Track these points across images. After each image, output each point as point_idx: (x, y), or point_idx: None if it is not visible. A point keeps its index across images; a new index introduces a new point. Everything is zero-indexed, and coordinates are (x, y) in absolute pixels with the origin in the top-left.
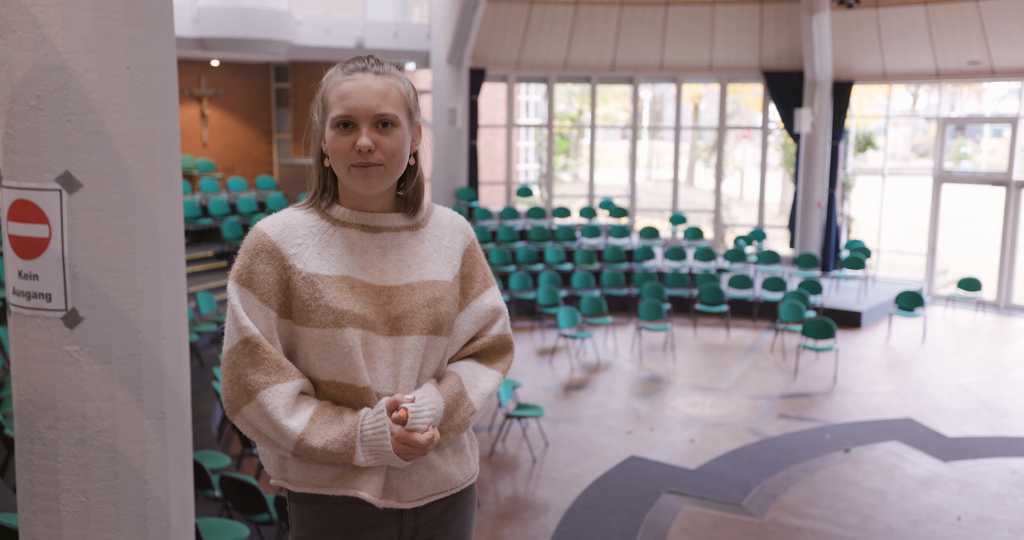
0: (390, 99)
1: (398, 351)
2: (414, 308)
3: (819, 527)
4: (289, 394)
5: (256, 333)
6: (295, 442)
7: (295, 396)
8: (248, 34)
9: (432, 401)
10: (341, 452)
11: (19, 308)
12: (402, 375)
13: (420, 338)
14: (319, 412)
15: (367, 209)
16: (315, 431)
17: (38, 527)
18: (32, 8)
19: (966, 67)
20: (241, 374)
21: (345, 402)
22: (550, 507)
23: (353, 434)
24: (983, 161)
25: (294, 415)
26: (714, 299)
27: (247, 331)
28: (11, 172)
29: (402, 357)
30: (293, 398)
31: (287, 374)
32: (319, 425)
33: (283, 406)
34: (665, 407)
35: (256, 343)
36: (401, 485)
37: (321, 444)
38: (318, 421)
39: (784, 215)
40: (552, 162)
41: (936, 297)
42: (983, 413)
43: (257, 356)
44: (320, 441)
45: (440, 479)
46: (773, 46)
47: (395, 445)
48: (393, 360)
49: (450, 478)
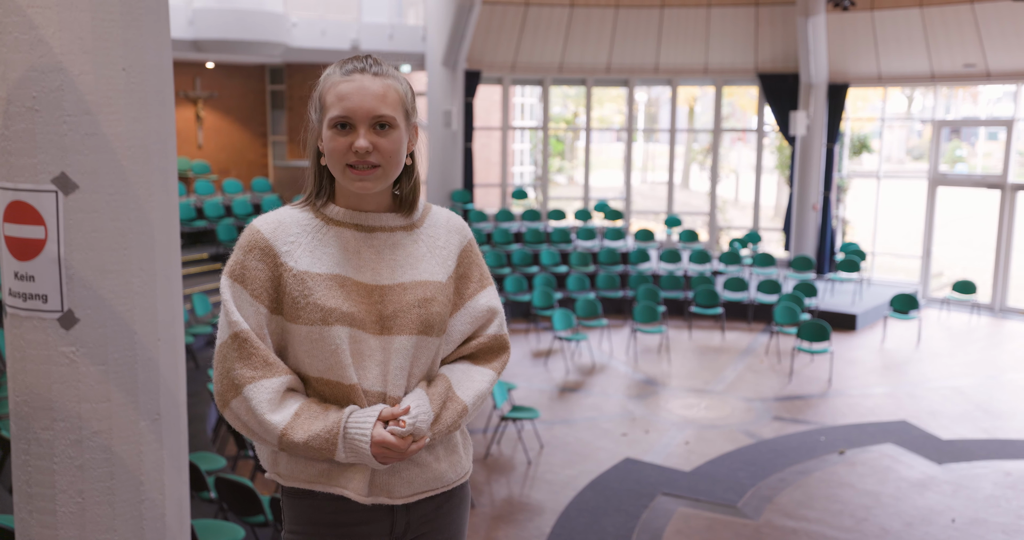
0: (388, 101)
1: (387, 350)
2: (405, 308)
3: (814, 529)
4: (274, 389)
5: (245, 328)
6: (278, 436)
7: (281, 392)
8: (243, 36)
9: (423, 409)
10: (322, 447)
11: (15, 309)
12: (391, 374)
13: (410, 338)
14: (304, 408)
15: (362, 208)
16: (298, 426)
17: (34, 528)
18: (28, 9)
19: (961, 70)
20: (230, 368)
21: (332, 399)
22: (545, 509)
23: (336, 430)
24: (978, 164)
25: (279, 410)
26: (709, 301)
27: (237, 326)
28: (7, 173)
29: (391, 356)
30: (279, 394)
31: (274, 370)
32: (303, 420)
33: (267, 401)
34: (660, 409)
35: (244, 338)
36: (392, 482)
37: (303, 438)
38: (303, 416)
39: (779, 218)
40: (547, 164)
41: (931, 300)
42: (977, 415)
43: (245, 351)
44: (302, 436)
45: (431, 476)
46: (768, 49)
47: (374, 448)
48: (382, 359)
49: (441, 476)
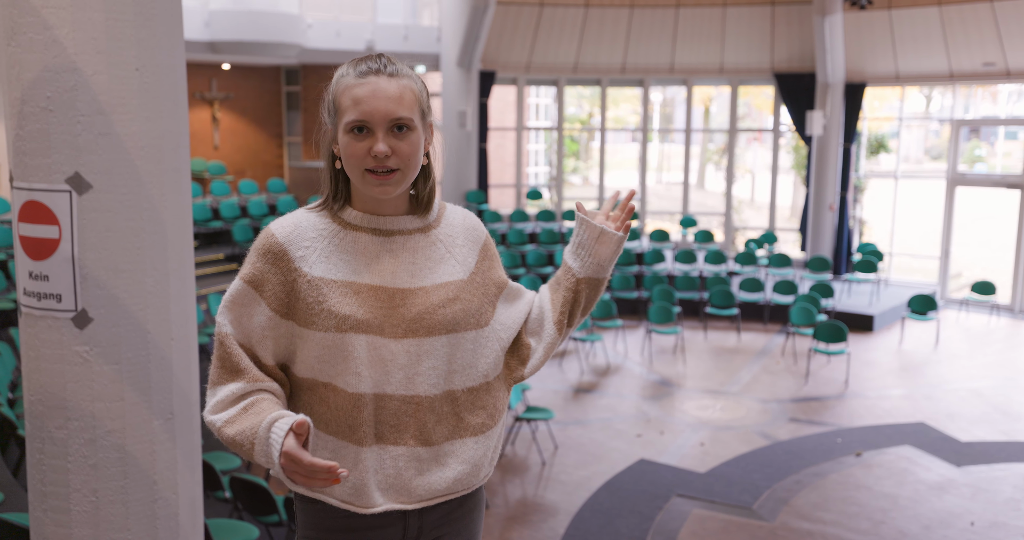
0: (404, 102)
1: (414, 353)
2: (430, 310)
3: (830, 531)
4: (232, 392)
5: (226, 332)
6: (218, 430)
7: (240, 395)
8: (259, 37)
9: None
10: (243, 444)
11: (30, 309)
12: (421, 376)
13: (438, 339)
14: (253, 404)
15: (380, 212)
16: (234, 420)
17: (49, 526)
18: (42, 10)
19: (980, 68)
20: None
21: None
22: (559, 510)
23: (255, 430)
24: (997, 164)
25: (227, 408)
26: (725, 302)
27: (220, 328)
28: (21, 173)
29: (420, 359)
30: (235, 395)
31: (241, 376)
32: (244, 416)
33: (219, 402)
34: (675, 410)
35: (220, 341)
36: (413, 484)
37: (231, 433)
38: (247, 412)
39: (795, 218)
40: (562, 165)
41: (949, 301)
42: (996, 418)
43: (221, 352)
44: (232, 430)
45: (453, 479)
46: (784, 48)
47: (282, 460)
48: (407, 362)
49: (463, 479)
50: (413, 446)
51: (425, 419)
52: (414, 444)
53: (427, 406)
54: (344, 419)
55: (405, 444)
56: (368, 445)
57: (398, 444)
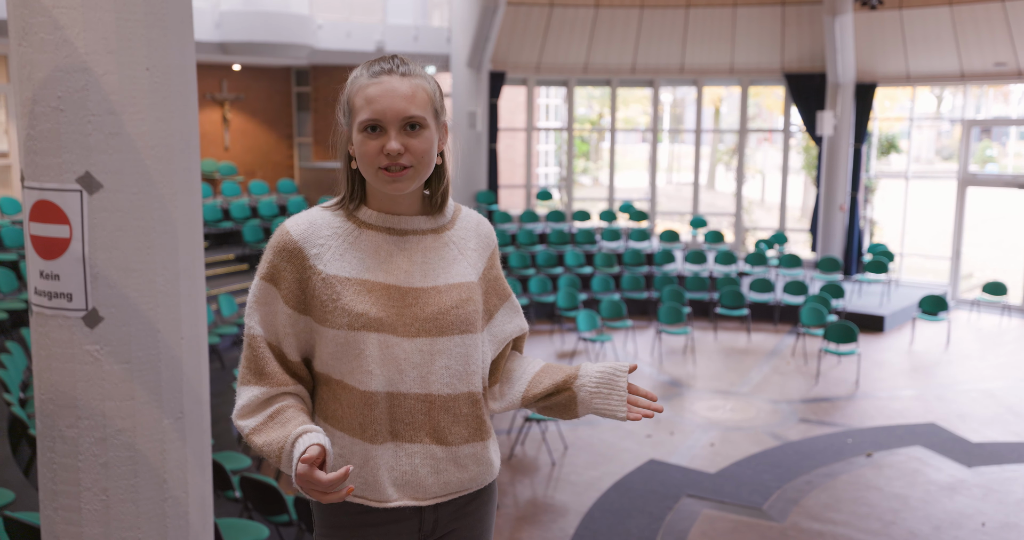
0: (417, 101)
1: (428, 352)
2: (444, 310)
3: (840, 532)
4: (255, 396)
5: (255, 333)
6: (246, 435)
7: (264, 400)
8: (269, 38)
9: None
10: (273, 455)
11: (40, 308)
12: (435, 374)
13: (452, 338)
14: (279, 411)
15: (395, 211)
16: (263, 429)
17: (59, 525)
18: (53, 10)
19: (992, 68)
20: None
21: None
22: (569, 510)
23: (282, 444)
24: (1009, 164)
25: (254, 414)
26: (735, 303)
27: (249, 330)
28: (32, 173)
29: (435, 357)
30: (259, 400)
31: (265, 380)
32: (270, 425)
33: (244, 406)
34: (685, 411)
35: (249, 342)
36: (428, 482)
37: (259, 443)
38: (275, 420)
39: (806, 219)
40: (572, 165)
41: (960, 301)
42: (1008, 418)
43: (249, 353)
44: (260, 440)
45: (467, 477)
46: (795, 48)
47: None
48: (421, 361)
49: (476, 477)
50: (428, 444)
51: (439, 418)
52: (429, 442)
53: (441, 405)
54: (355, 416)
55: (420, 442)
56: (381, 442)
57: (414, 442)
